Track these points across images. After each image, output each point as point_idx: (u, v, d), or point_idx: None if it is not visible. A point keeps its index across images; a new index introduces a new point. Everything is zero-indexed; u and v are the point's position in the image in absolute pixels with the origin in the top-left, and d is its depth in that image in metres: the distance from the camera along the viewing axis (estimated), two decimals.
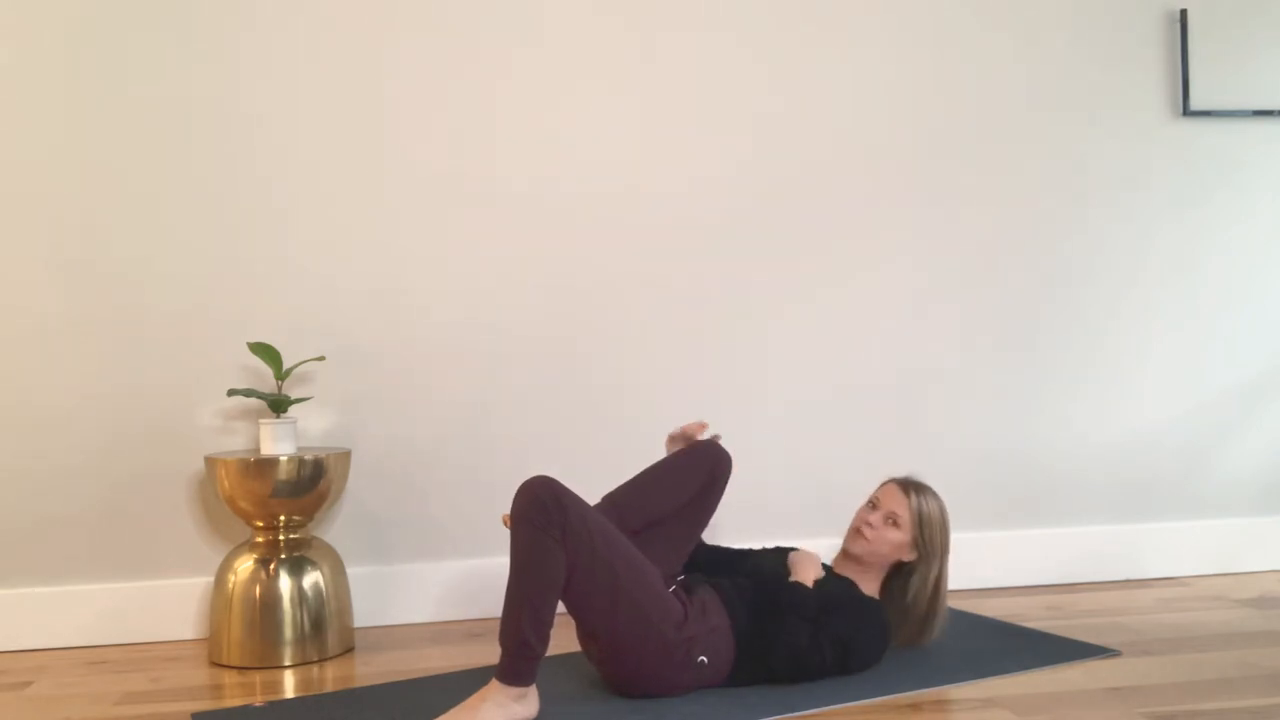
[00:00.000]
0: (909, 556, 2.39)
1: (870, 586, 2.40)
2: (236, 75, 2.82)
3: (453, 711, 1.97)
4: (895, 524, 2.37)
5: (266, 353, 2.67)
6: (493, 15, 2.92)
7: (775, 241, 3.03)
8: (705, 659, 2.16)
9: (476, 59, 2.92)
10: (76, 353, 2.75)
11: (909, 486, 2.42)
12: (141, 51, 2.78)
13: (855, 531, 2.41)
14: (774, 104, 3.04)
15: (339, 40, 2.86)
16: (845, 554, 2.44)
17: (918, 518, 2.38)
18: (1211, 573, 3.20)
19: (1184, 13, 3.18)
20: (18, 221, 2.74)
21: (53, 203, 2.76)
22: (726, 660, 2.19)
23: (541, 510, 2.01)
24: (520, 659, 1.98)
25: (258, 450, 2.66)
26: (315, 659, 2.56)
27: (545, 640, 2.00)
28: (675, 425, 2.89)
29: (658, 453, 3.01)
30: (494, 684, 1.99)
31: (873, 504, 2.43)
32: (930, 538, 2.38)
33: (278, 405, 2.65)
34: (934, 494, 2.43)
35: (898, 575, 2.42)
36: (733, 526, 2.98)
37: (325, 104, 2.85)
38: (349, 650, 2.65)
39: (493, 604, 2.88)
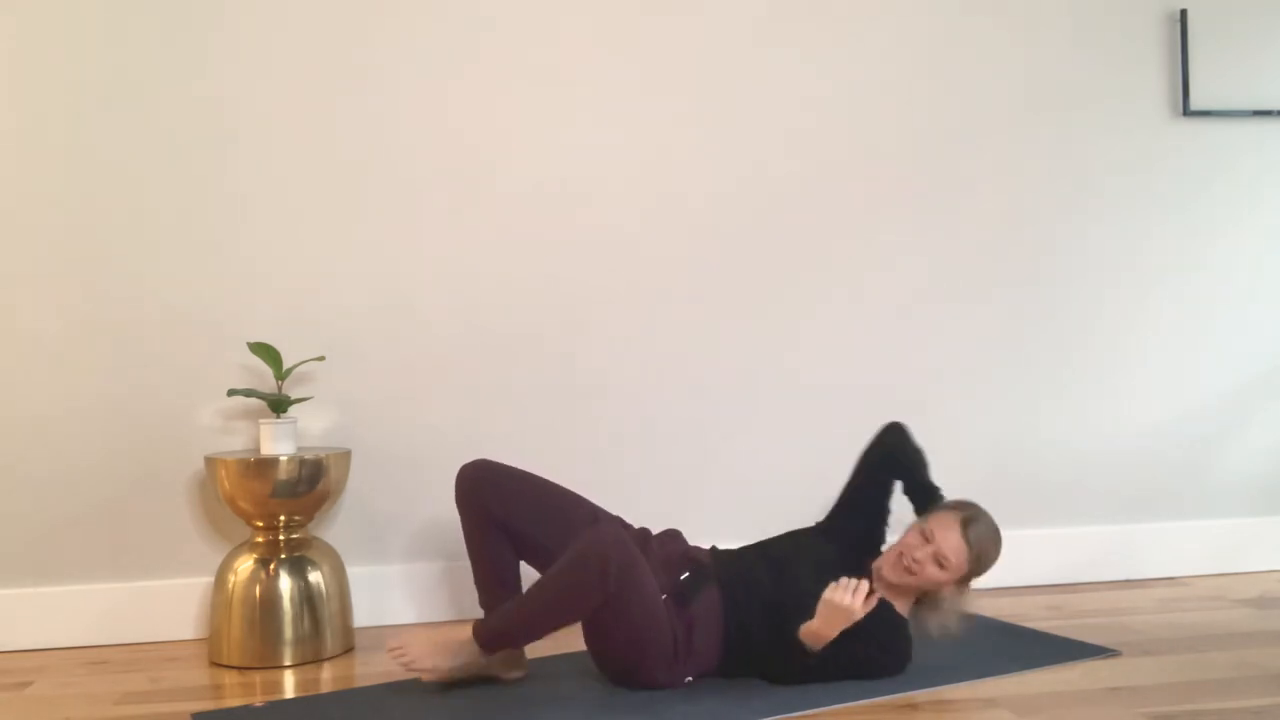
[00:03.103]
0: (947, 590, 2.27)
1: (904, 603, 2.30)
2: (236, 75, 2.82)
3: (429, 636, 2.14)
4: (942, 566, 2.22)
5: (266, 353, 2.67)
6: (492, 16, 2.92)
7: (775, 243, 3.03)
8: (691, 678, 2.22)
9: (477, 60, 2.92)
10: (76, 353, 2.75)
11: (969, 525, 2.24)
12: (141, 52, 2.78)
13: (898, 562, 2.24)
14: (773, 106, 3.03)
15: (339, 41, 2.86)
16: (881, 576, 2.30)
17: (970, 563, 2.24)
18: (1211, 573, 3.20)
19: (1184, 13, 3.17)
20: (17, 221, 2.74)
21: (52, 202, 2.75)
22: (713, 658, 2.23)
23: (603, 574, 2.03)
24: (508, 643, 2.12)
25: (258, 450, 2.66)
26: (315, 659, 2.56)
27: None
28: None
29: (655, 452, 3.01)
30: (470, 639, 2.12)
31: (924, 535, 2.24)
32: (976, 575, 2.27)
33: (278, 405, 2.65)
34: (990, 531, 2.26)
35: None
36: (733, 527, 2.97)
37: (326, 105, 2.85)
38: (349, 650, 2.65)
39: None
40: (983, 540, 2.25)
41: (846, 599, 2.05)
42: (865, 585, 2.07)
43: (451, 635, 2.14)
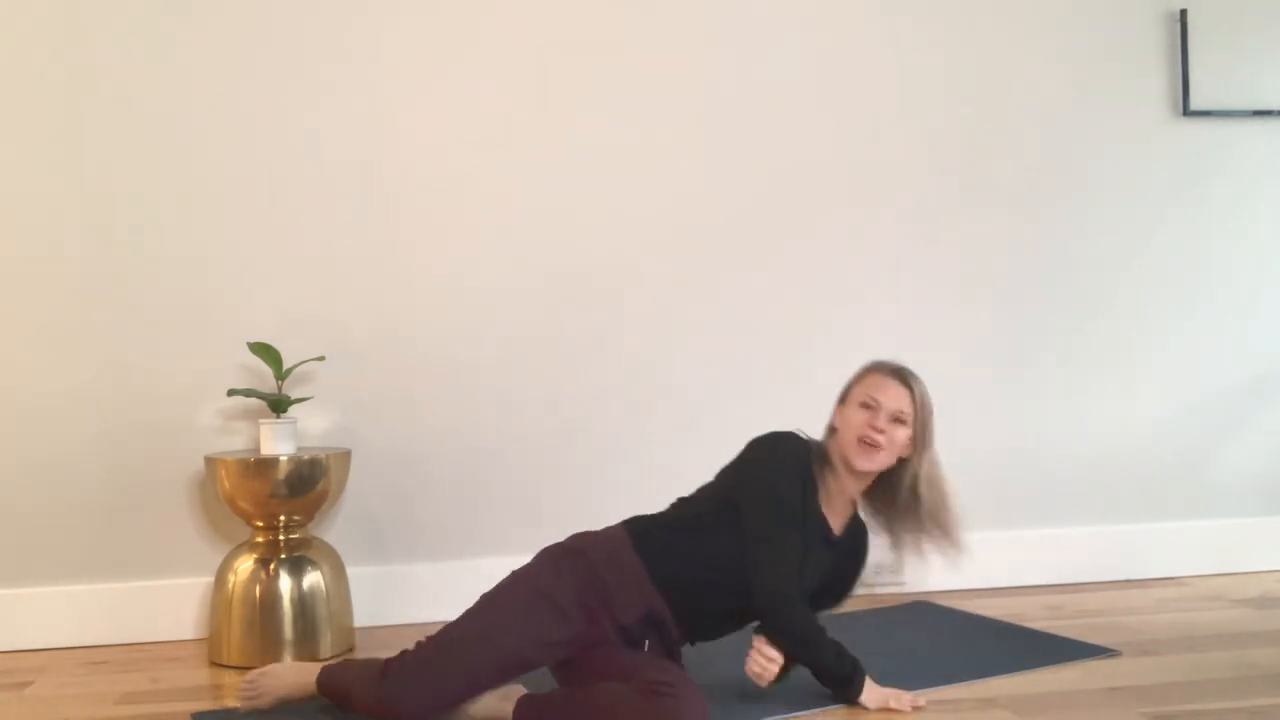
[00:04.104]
0: (907, 454, 2.13)
1: (854, 499, 2.18)
2: (237, 75, 2.82)
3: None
4: (902, 421, 2.09)
5: (266, 353, 2.67)
6: (490, 23, 2.92)
7: (775, 245, 3.03)
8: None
9: (477, 61, 2.92)
10: (77, 353, 2.75)
11: (901, 374, 2.14)
12: (143, 52, 2.78)
13: (861, 446, 2.08)
14: (772, 108, 3.03)
15: (340, 41, 2.86)
16: (847, 468, 2.12)
17: (924, 407, 2.12)
18: (1211, 573, 3.19)
19: (1184, 13, 3.17)
20: (17, 222, 2.74)
21: (52, 203, 2.75)
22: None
23: None
24: None
25: (258, 450, 2.66)
26: (315, 659, 2.55)
27: None
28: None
29: (654, 451, 3.00)
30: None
31: (867, 404, 2.11)
32: (929, 425, 2.12)
33: (278, 405, 2.65)
34: (912, 370, 2.17)
35: (887, 481, 2.15)
36: None
37: (326, 104, 2.85)
38: (349, 650, 2.65)
39: None
40: (918, 379, 2.15)
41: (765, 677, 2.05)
42: (770, 657, 2.04)
43: (484, 716, 2.01)
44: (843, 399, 2.21)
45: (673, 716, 1.83)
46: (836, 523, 2.17)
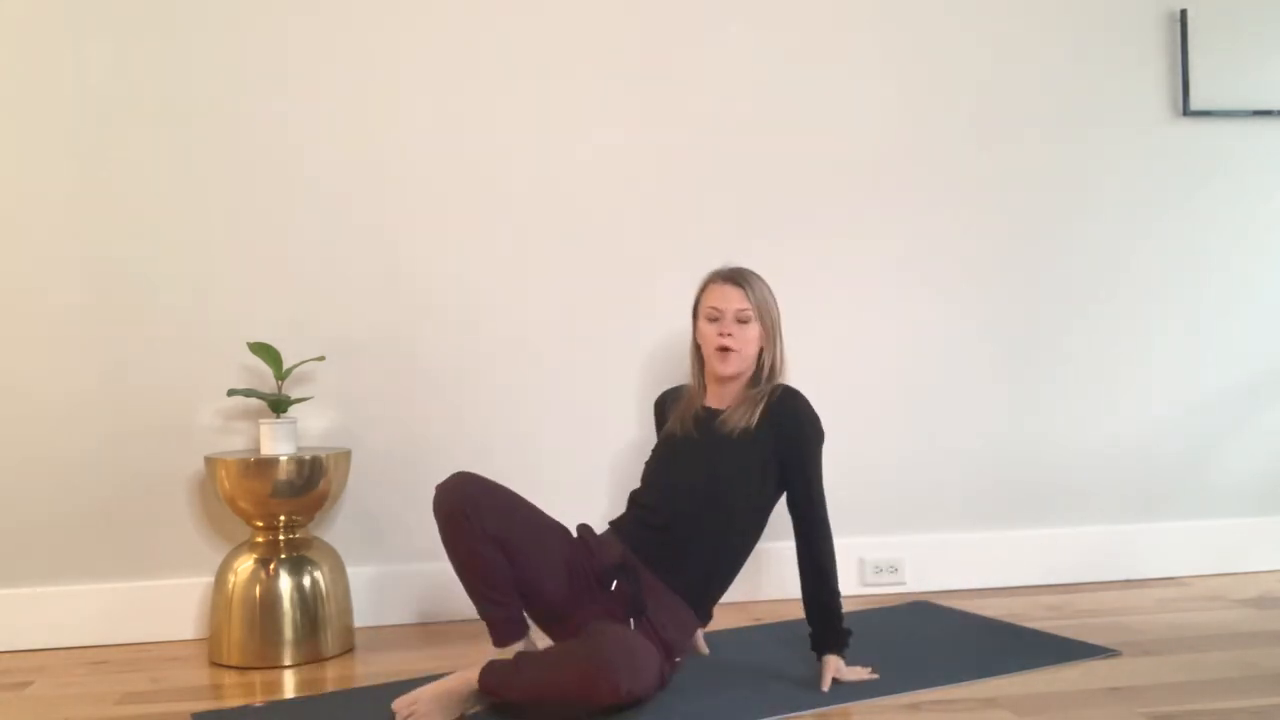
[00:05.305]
0: (764, 343, 2.31)
1: (741, 395, 2.30)
2: (238, 77, 2.82)
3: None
4: (746, 320, 2.26)
5: (266, 353, 2.67)
6: (494, 27, 2.92)
7: (776, 242, 3.03)
8: (680, 658, 2.24)
9: (476, 59, 2.92)
10: (77, 353, 2.75)
11: (733, 276, 2.30)
12: (144, 53, 2.78)
13: (720, 353, 2.26)
14: (775, 104, 3.04)
15: (339, 43, 2.86)
16: (716, 381, 2.31)
17: (762, 302, 2.28)
18: (1211, 573, 3.20)
19: (1184, 13, 3.17)
20: (18, 221, 2.74)
21: (53, 204, 2.76)
22: (692, 626, 2.25)
23: (615, 692, 1.89)
24: (507, 700, 2.07)
25: (258, 450, 2.66)
26: (315, 659, 2.56)
27: None
28: None
29: None
30: (476, 689, 2.08)
31: (710, 316, 2.29)
32: (775, 315, 2.31)
33: (278, 405, 2.65)
34: (740, 266, 2.35)
35: (758, 378, 2.33)
36: None
37: (325, 105, 2.85)
38: (349, 650, 2.65)
39: None
40: (748, 274, 2.31)
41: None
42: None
43: (457, 687, 2.05)
44: (695, 317, 2.37)
45: (606, 664, 1.89)
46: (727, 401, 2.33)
